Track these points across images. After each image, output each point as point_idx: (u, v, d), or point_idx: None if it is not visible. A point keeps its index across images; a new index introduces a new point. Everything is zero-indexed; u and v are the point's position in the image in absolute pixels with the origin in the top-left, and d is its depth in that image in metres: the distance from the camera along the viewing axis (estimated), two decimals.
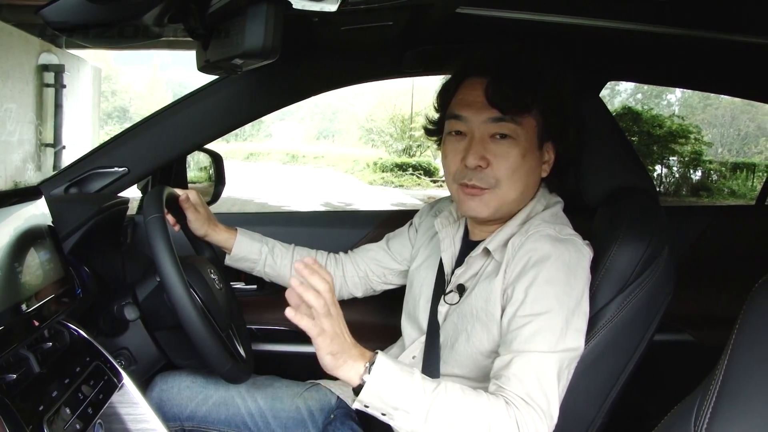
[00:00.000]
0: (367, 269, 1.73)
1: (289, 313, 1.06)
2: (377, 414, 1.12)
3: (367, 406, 1.11)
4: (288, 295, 1.12)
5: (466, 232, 1.50)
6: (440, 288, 1.47)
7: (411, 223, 1.73)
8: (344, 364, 1.10)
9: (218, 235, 1.65)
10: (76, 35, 1.05)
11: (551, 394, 1.14)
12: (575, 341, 1.21)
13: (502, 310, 1.27)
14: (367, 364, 1.10)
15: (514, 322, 1.22)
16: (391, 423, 1.11)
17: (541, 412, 1.11)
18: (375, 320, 1.99)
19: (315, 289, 1.08)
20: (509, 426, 1.08)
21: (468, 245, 1.46)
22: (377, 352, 1.13)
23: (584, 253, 1.29)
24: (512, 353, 1.18)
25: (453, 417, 1.09)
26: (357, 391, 1.10)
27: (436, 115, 1.49)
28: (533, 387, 1.13)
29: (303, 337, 1.12)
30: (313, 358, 1.12)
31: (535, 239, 1.28)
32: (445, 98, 1.44)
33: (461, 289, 1.40)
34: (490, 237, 1.38)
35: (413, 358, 1.48)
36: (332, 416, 1.58)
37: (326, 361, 1.10)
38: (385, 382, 1.09)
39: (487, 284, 1.32)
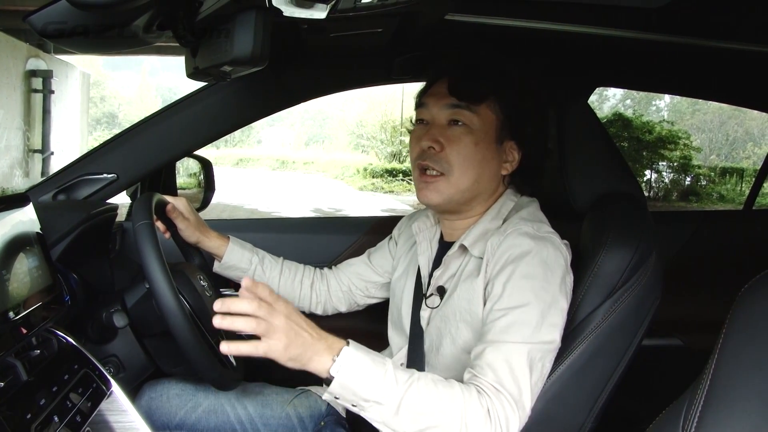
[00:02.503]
0: (349, 283, 1.75)
1: (223, 347, 1.08)
2: (348, 405, 1.12)
3: (337, 398, 1.12)
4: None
5: (443, 236, 1.51)
6: (420, 292, 1.48)
7: (390, 237, 1.76)
8: (309, 361, 1.11)
9: (210, 242, 1.65)
10: (64, 42, 1.04)
11: (523, 383, 1.15)
12: (550, 335, 1.22)
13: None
14: (335, 357, 1.10)
15: (491, 315, 1.24)
16: (362, 414, 1.12)
17: (512, 400, 1.12)
18: (367, 328, 1.98)
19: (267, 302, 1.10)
20: (480, 414, 1.09)
21: (444, 247, 1.48)
22: (348, 342, 1.13)
23: (562, 251, 1.31)
24: (486, 344, 1.20)
25: (425, 408, 1.10)
26: (329, 382, 1.11)
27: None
28: (504, 375, 1.14)
29: None
30: None
31: (513, 237, 1.30)
32: (420, 96, 1.50)
33: (441, 291, 1.42)
34: (464, 234, 1.41)
35: (401, 365, 1.48)
36: (322, 423, 1.57)
37: (288, 365, 1.10)
38: (354, 375, 1.10)
39: (469, 284, 1.34)
